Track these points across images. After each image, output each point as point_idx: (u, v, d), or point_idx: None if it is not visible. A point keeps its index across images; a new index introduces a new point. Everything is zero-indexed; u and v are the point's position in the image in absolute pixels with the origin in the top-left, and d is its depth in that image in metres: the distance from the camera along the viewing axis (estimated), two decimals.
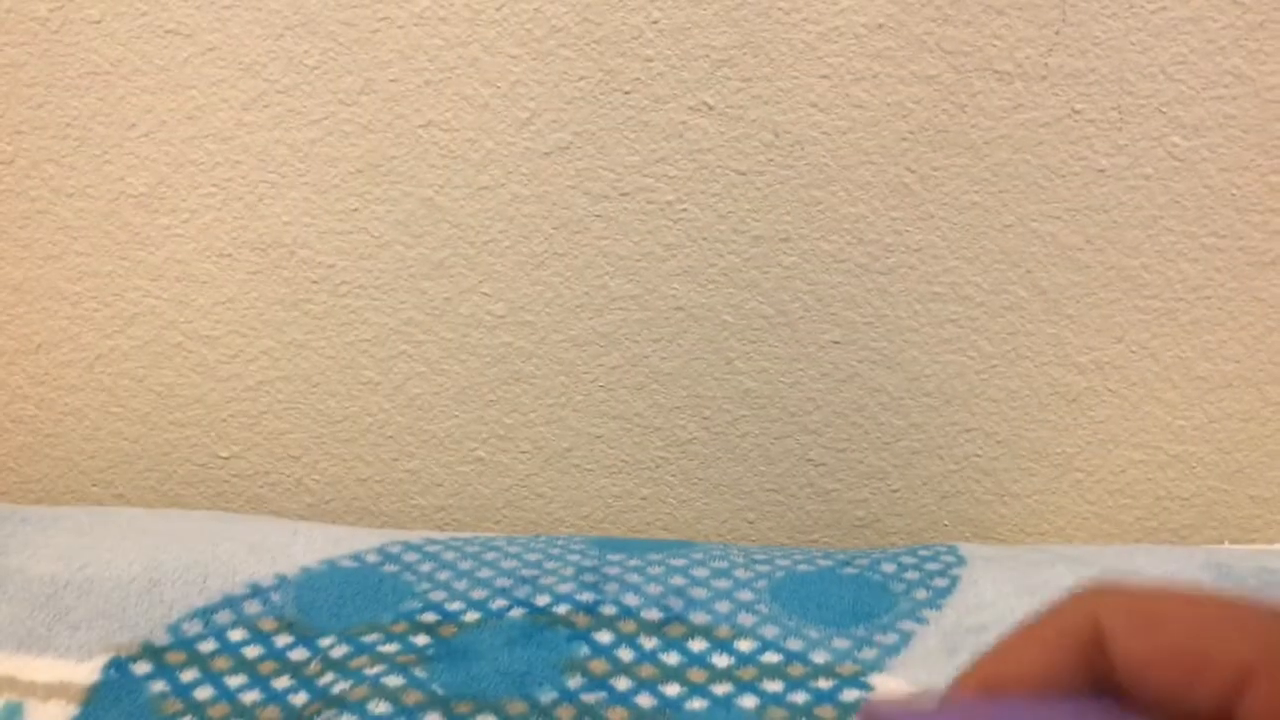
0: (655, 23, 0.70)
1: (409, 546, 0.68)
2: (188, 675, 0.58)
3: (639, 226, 0.74)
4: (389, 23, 0.70)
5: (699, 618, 0.62)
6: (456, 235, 0.75)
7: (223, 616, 0.61)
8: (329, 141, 0.73)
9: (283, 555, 0.66)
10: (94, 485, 0.82)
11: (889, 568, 0.67)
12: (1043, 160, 0.71)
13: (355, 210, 0.74)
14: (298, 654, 0.59)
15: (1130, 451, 0.78)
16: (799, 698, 0.57)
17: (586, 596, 0.63)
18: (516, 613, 0.62)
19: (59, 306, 0.78)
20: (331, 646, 0.60)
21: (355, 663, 0.58)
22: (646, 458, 0.80)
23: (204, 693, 0.57)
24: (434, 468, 0.80)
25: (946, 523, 0.81)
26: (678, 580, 0.65)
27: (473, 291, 0.76)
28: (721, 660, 0.59)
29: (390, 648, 0.59)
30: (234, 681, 0.58)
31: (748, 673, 0.58)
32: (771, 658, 0.59)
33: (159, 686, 0.57)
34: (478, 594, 0.63)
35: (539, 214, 0.74)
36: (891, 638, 0.61)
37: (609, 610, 0.62)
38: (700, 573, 0.66)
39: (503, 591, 0.64)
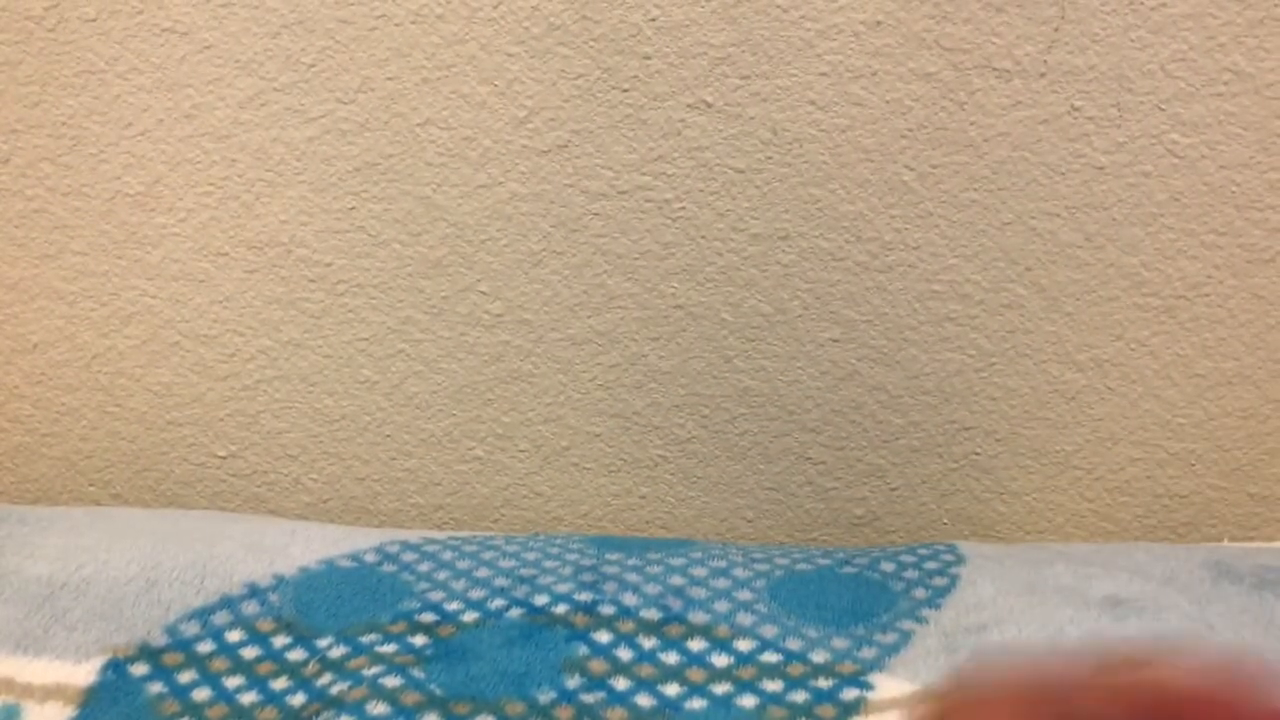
0: (653, 20, 0.69)
1: (407, 546, 0.68)
2: (185, 676, 0.58)
3: (637, 225, 0.74)
4: (386, 20, 0.70)
5: (698, 617, 0.62)
6: (454, 234, 0.74)
7: (220, 617, 0.61)
8: (326, 140, 0.73)
9: (280, 555, 0.66)
10: (91, 485, 0.82)
11: (888, 566, 0.67)
12: (1042, 158, 0.71)
13: (352, 209, 0.74)
14: (296, 654, 0.59)
15: (1129, 449, 0.78)
16: (799, 697, 0.57)
17: (585, 596, 0.63)
18: (515, 613, 0.62)
19: (55, 306, 0.77)
20: (329, 647, 0.59)
21: (353, 663, 0.58)
22: (645, 456, 0.80)
23: (202, 694, 0.57)
24: (432, 466, 0.80)
25: (946, 521, 0.80)
26: (676, 580, 0.65)
27: (470, 290, 0.76)
28: (721, 660, 0.59)
29: (388, 648, 0.59)
30: (232, 682, 0.57)
31: (747, 672, 0.58)
32: (771, 657, 0.59)
33: (156, 688, 0.57)
34: (476, 594, 0.63)
35: (537, 212, 0.74)
36: (891, 637, 0.61)
37: (608, 610, 0.62)
38: (699, 572, 0.65)
39: (501, 591, 0.63)
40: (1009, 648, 0.59)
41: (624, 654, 0.59)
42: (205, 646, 0.60)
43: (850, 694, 0.57)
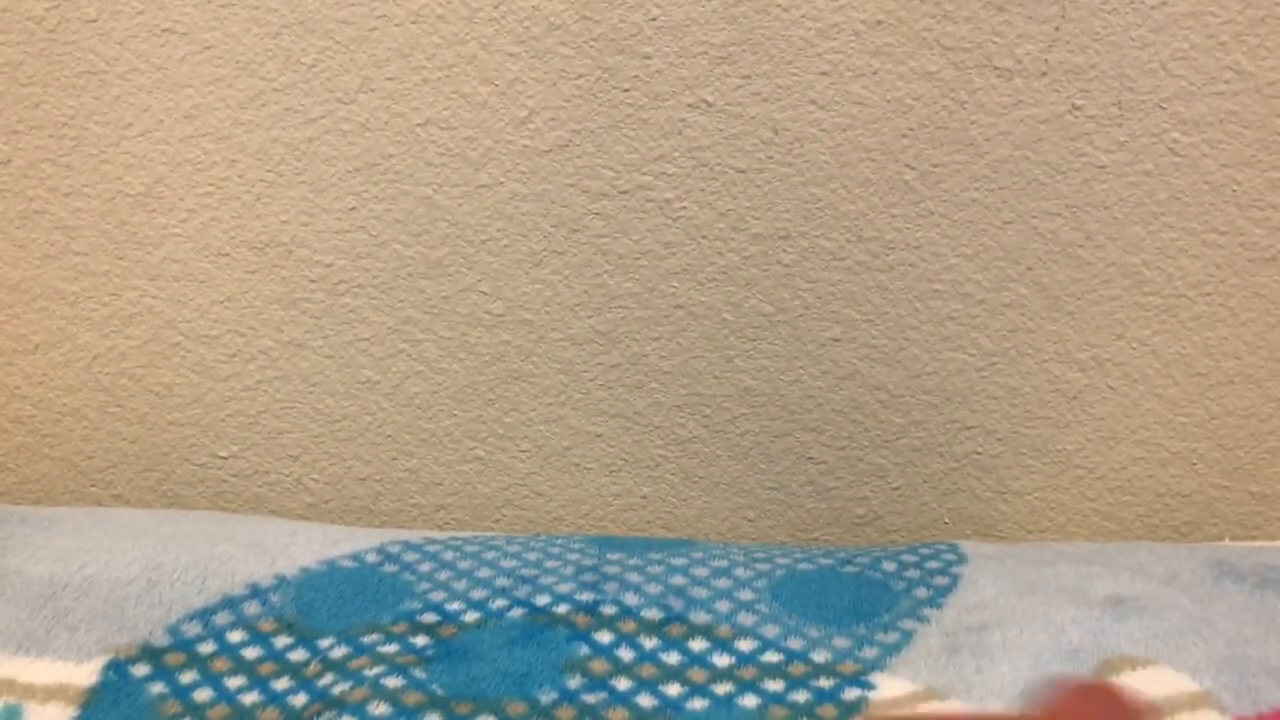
0: (654, 20, 0.69)
1: (408, 546, 0.68)
2: (187, 677, 0.58)
3: (638, 224, 0.74)
4: (386, 20, 0.70)
5: (699, 617, 0.62)
6: (455, 234, 0.75)
7: (222, 618, 0.61)
8: (327, 140, 0.73)
9: (282, 555, 0.66)
10: (93, 485, 0.82)
11: (889, 566, 0.67)
12: (1043, 157, 0.71)
13: (353, 209, 0.74)
14: (297, 655, 0.59)
15: (1131, 448, 0.78)
16: (800, 697, 0.57)
17: (586, 596, 0.63)
18: (516, 613, 0.62)
19: (57, 306, 0.77)
20: (331, 647, 0.59)
21: (355, 664, 0.58)
22: (646, 456, 0.80)
23: (203, 694, 0.57)
24: (433, 467, 0.80)
25: (947, 520, 0.80)
26: (678, 579, 0.65)
27: (471, 290, 0.76)
28: (722, 660, 0.59)
29: (390, 648, 0.59)
30: (233, 683, 0.57)
31: (748, 672, 0.58)
32: (772, 657, 0.59)
33: (158, 688, 0.57)
34: (477, 594, 0.63)
35: (537, 212, 0.74)
36: (892, 636, 0.61)
37: (609, 610, 0.62)
38: (700, 572, 0.65)
39: (502, 591, 0.63)
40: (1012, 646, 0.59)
41: (625, 654, 0.59)
42: (207, 647, 0.60)
43: (852, 694, 0.57)
